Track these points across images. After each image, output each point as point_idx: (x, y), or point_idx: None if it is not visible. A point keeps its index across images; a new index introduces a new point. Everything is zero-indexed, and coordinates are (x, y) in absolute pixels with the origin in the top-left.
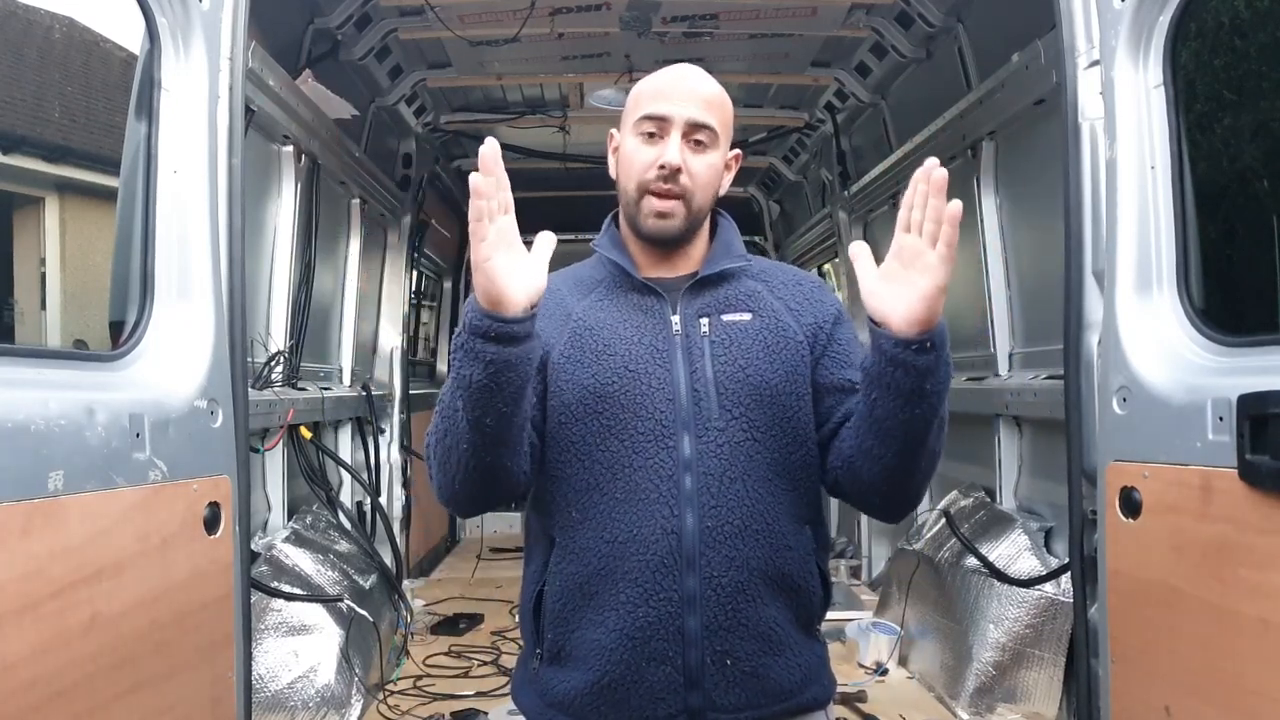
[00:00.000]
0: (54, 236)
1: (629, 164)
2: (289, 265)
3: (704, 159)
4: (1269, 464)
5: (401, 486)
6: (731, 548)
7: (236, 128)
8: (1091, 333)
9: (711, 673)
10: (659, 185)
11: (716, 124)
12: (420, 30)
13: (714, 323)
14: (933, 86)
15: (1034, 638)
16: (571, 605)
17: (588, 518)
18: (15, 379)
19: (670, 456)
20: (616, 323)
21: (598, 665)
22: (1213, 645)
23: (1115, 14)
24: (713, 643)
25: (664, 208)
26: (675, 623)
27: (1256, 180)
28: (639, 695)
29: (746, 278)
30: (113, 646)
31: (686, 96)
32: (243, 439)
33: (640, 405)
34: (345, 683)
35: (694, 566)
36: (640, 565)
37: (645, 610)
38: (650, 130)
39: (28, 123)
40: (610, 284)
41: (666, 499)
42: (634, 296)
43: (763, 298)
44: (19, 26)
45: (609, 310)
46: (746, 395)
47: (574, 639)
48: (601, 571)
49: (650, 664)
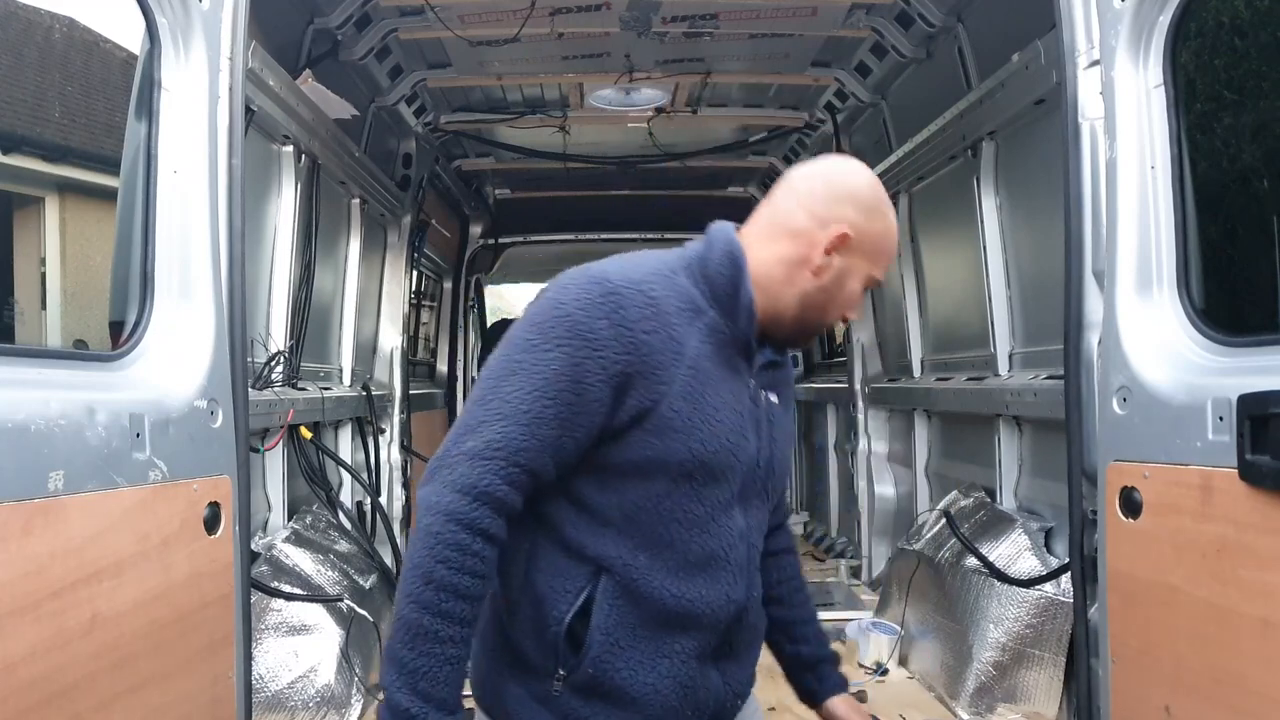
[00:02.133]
0: (54, 236)
1: (847, 300)
2: (289, 265)
3: None
4: (1269, 464)
5: (401, 486)
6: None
7: (236, 128)
8: (1091, 333)
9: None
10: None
11: None
12: (420, 30)
13: (768, 401)
14: (933, 86)
15: (1034, 638)
16: (625, 644)
17: (654, 569)
18: (15, 379)
19: (734, 525)
20: (720, 380)
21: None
22: (1213, 645)
23: (1115, 14)
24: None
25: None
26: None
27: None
28: None
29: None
30: (113, 646)
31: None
32: (243, 439)
33: (727, 473)
34: (345, 683)
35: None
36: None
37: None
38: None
39: (28, 123)
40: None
41: (730, 566)
42: (734, 355)
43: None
44: (19, 26)
45: (715, 362)
46: (779, 475)
47: (620, 677)
48: (660, 621)
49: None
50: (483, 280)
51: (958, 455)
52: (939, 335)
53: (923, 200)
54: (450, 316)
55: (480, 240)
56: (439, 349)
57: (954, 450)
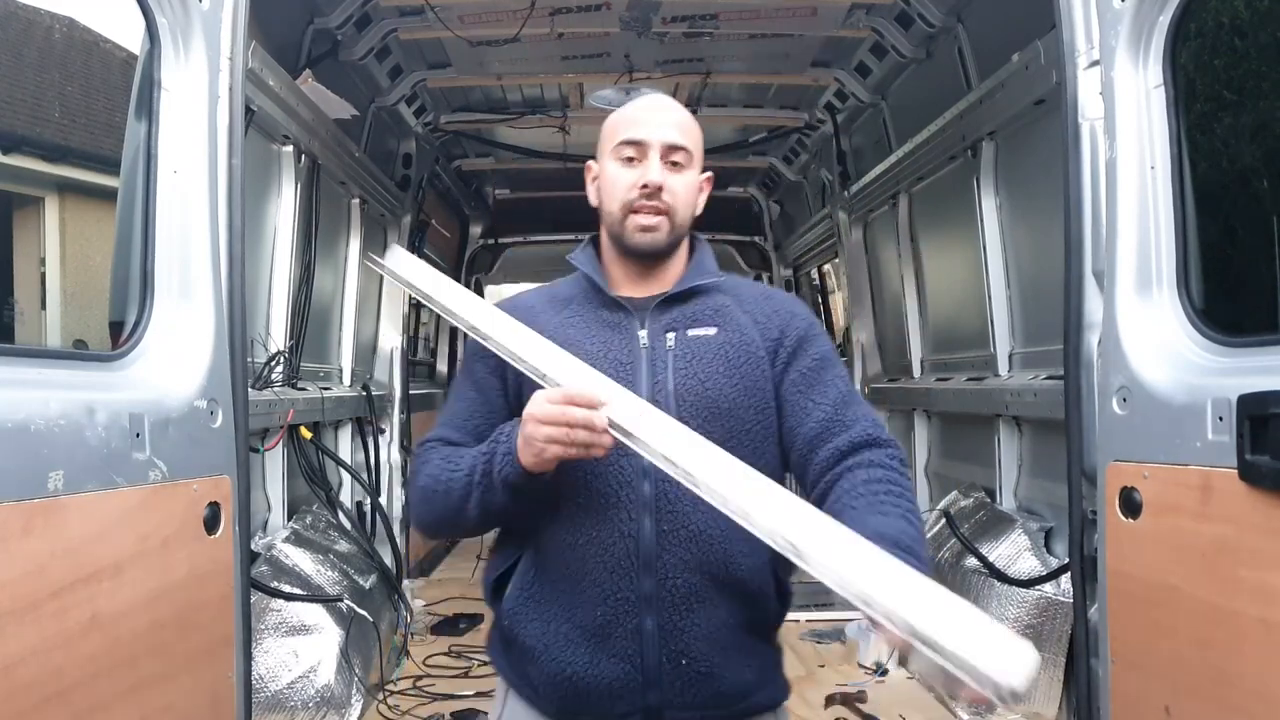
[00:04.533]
0: (54, 236)
1: (612, 187)
2: (289, 265)
3: (682, 178)
4: (1269, 464)
5: (401, 486)
6: (686, 551)
7: (236, 128)
8: (1091, 333)
9: (668, 671)
10: (643, 203)
11: (690, 145)
12: (420, 30)
13: (679, 337)
14: (933, 86)
15: (1034, 638)
16: (533, 600)
17: (554, 522)
18: (15, 379)
19: (630, 464)
20: (584, 338)
21: (559, 659)
22: (1213, 645)
23: (1115, 14)
24: (668, 643)
25: (649, 222)
26: (633, 621)
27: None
28: (598, 691)
29: (718, 293)
30: (113, 646)
31: (662, 122)
32: (243, 439)
33: None
34: (345, 683)
35: (651, 569)
36: (599, 566)
37: (604, 609)
38: (629, 155)
39: (28, 123)
40: (582, 301)
41: (625, 504)
42: (603, 313)
43: (730, 312)
44: (19, 26)
45: (578, 327)
46: (705, 408)
47: (530, 631)
48: (564, 572)
49: (609, 660)
50: (483, 280)
51: (957, 455)
52: (939, 335)
53: (923, 200)
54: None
55: (480, 240)
56: (439, 349)
57: (954, 450)
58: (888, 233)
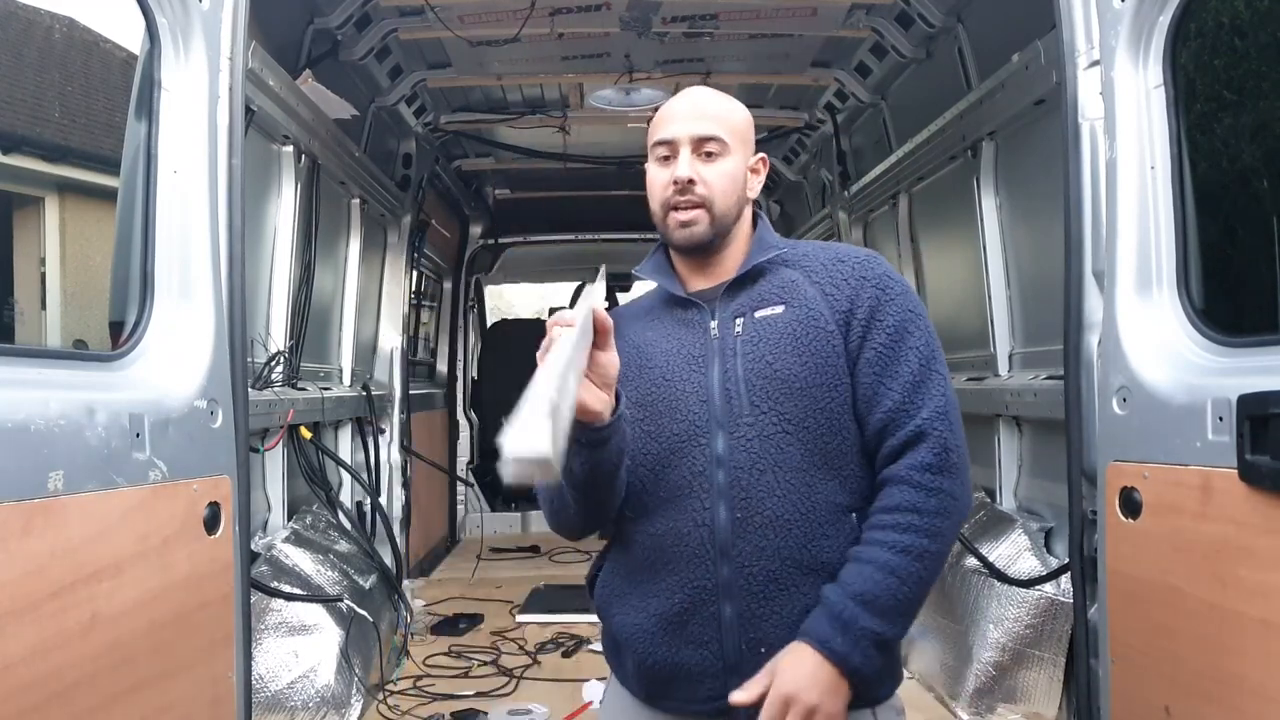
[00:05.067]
0: (54, 236)
1: (651, 189)
2: (289, 265)
3: (717, 167)
4: (1269, 464)
5: (401, 486)
6: (762, 537)
7: (236, 128)
8: (1091, 333)
9: (748, 659)
10: (677, 199)
11: (723, 133)
12: (420, 30)
13: (748, 321)
14: (933, 86)
15: (1034, 638)
16: (618, 593)
17: (636, 515)
18: (15, 379)
19: (703, 454)
20: (660, 338)
21: (641, 648)
22: (1213, 645)
23: (1115, 14)
24: (747, 630)
25: (685, 217)
26: (711, 608)
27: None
28: (681, 678)
29: (785, 268)
30: (113, 646)
31: (689, 115)
32: (243, 439)
33: (675, 409)
34: (345, 683)
35: (727, 556)
36: (677, 555)
37: (681, 597)
38: (664, 154)
39: (28, 123)
40: (660, 305)
41: (699, 494)
42: (677, 312)
43: (798, 287)
44: (19, 26)
45: (655, 329)
46: (776, 389)
47: (616, 623)
48: (645, 563)
49: (689, 648)
50: (483, 280)
51: None
52: (939, 335)
53: (923, 200)
54: (450, 317)
55: (480, 240)
56: (439, 349)
57: None
58: (888, 233)
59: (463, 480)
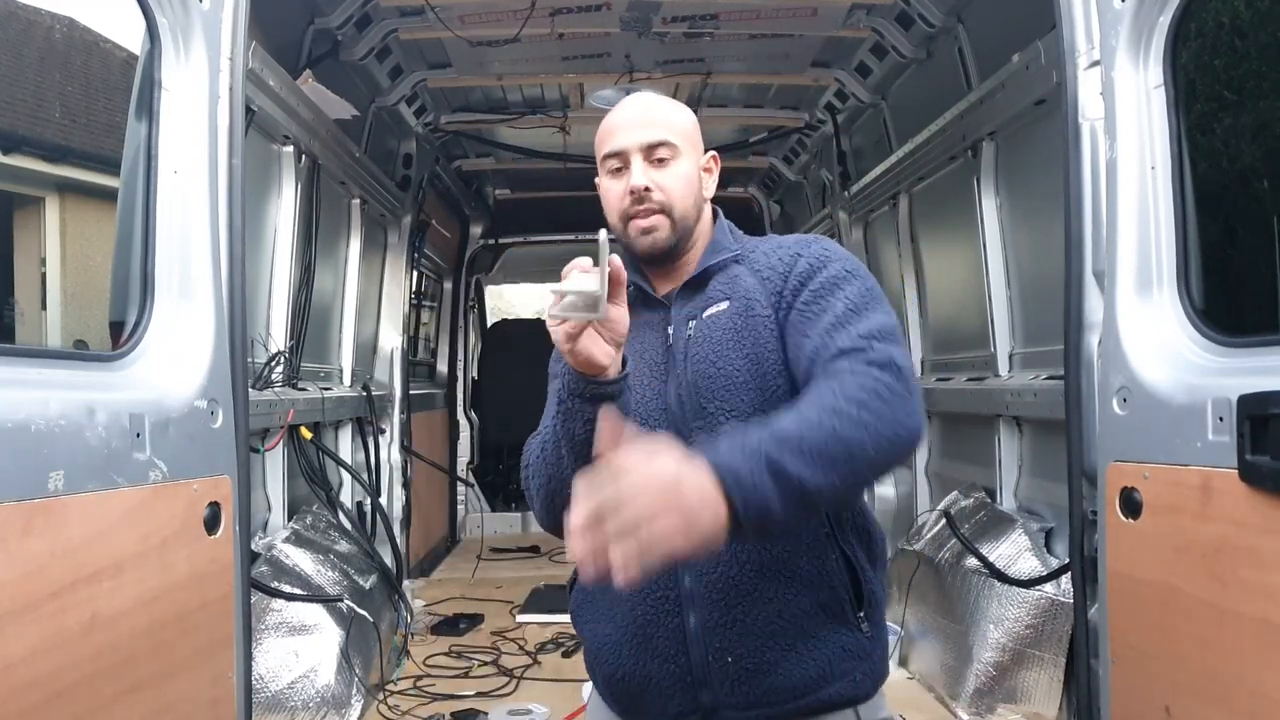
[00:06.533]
0: (54, 236)
1: (606, 201)
2: (289, 265)
3: (670, 171)
4: (1269, 464)
5: (401, 486)
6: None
7: (237, 128)
8: (1091, 333)
9: (715, 670)
10: (634, 209)
11: (672, 137)
12: (420, 30)
13: (699, 322)
14: (933, 86)
15: (1034, 638)
16: (588, 601)
17: None
18: (15, 379)
19: None
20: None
21: (610, 660)
22: (1213, 645)
23: (1115, 14)
24: (712, 640)
25: (646, 224)
26: (674, 620)
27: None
28: (650, 691)
29: (735, 264)
30: (113, 646)
31: (635, 124)
32: (243, 439)
33: (639, 419)
34: (345, 683)
35: (687, 565)
36: None
37: (644, 609)
38: (615, 166)
39: (28, 123)
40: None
41: None
42: (643, 313)
43: (740, 280)
44: (19, 26)
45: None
46: (721, 387)
47: (587, 633)
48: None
49: (654, 661)
50: (483, 280)
51: (958, 456)
52: (939, 335)
53: (923, 201)
54: (450, 317)
55: (480, 240)
56: (439, 349)
57: (954, 451)
58: (888, 233)
59: (463, 480)
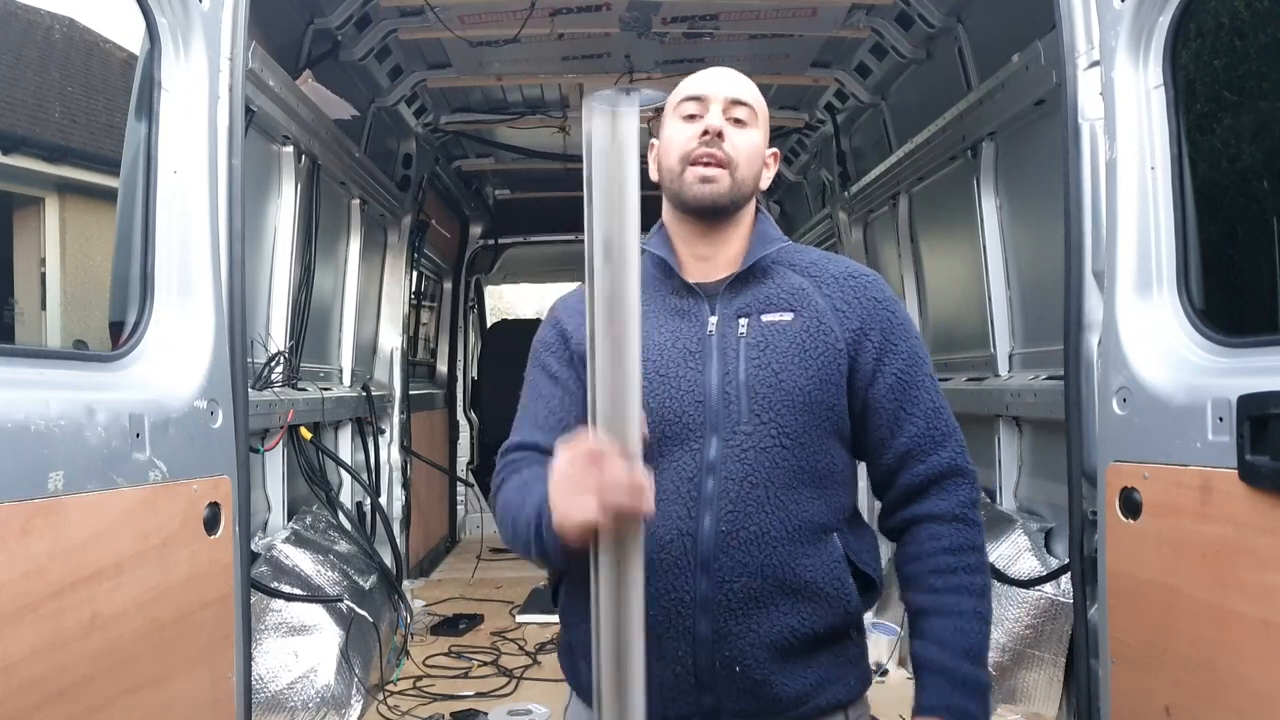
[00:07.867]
0: (54, 236)
1: (671, 143)
2: (289, 265)
3: (745, 134)
4: (1269, 464)
5: (401, 487)
6: (746, 553)
7: (236, 128)
8: (1091, 333)
9: (721, 677)
10: (702, 151)
11: (755, 105)
12: (420, 30)
13: (753, 323)
14: (933, 87)
15: (1034, 638)
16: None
17: None
18: (15, 379)
19: (694, 459)
20: (652, 327)
21: None
22: (1213, 646)
23: (1115, 14)
24: (721, 648)
25: (708, 174)
26: (685, 623)
27: (1256, 180)
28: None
29: (793, 273)
30: (113, 646)
31: (724, 79)
32: (243, 439)
33: (668, 408)
34: (345, 683)
35: (708, 570)
36: (655, 565)
37: (656, 610)
38: (691, 111)
39: (28, 123)
40: (652, 286)
41: (685, 501)
42: (673, 300)
43: (807, 296)
44: (19, 26)
45: (648, 317)
46: (778, 400)
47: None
48: None
49: (659, 663)
50: (483, 280)
51: None
52: (939, 335)
53: (923, 201)
54: (450, 317)
55: (480, 240)
56: (439, 349)
57: None
58: (888, 233)
59: (463, 480)
